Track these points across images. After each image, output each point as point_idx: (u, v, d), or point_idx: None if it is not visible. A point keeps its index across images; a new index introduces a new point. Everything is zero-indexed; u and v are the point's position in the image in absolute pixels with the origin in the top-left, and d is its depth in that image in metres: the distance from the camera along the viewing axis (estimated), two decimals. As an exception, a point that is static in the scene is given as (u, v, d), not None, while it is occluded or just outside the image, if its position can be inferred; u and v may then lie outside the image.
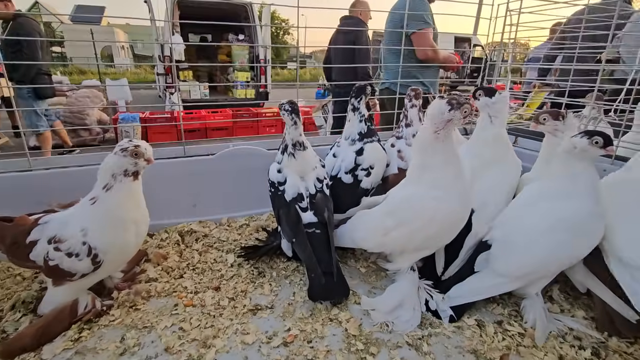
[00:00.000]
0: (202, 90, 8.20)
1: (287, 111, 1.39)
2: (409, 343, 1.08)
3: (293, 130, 1.40)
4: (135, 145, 1.11)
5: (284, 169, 1.42)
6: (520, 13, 1.90)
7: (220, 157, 1.73)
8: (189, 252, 1.54)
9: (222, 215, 1.79)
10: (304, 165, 1.43)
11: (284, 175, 1.41)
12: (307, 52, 28.01)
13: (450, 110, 1.09)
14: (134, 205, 1.15)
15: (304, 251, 1.29)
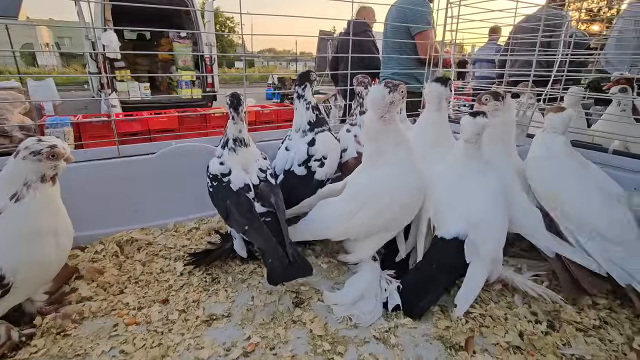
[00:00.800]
0: (142, 90, 7.62)
1: (227, 104, 1.34)
2: (376, 337, 1.05)
3: (232, 125, 1.35)
4: (51, 146, 0.94)
5: (226, 162, 1.34)
6: (461, 5, 1.97)
7: (163, 155, 1.57)
8: (130, 263, 1.37)
9: (168, 220, 1.63)
10: (246, 159, 1.37)
11: (227, 167, 1.33)
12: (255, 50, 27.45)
13: (389, 92, 1.16)
14: (52, 214, 0.98)
15: (261, 235, 1.20)
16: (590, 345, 1.01)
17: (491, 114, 1.41)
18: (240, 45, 9.74)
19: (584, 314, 1.13)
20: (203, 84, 8.01)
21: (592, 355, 0.97)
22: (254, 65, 20.18)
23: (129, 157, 1.54)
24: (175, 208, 1.61)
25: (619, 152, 1.42)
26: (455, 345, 1.02)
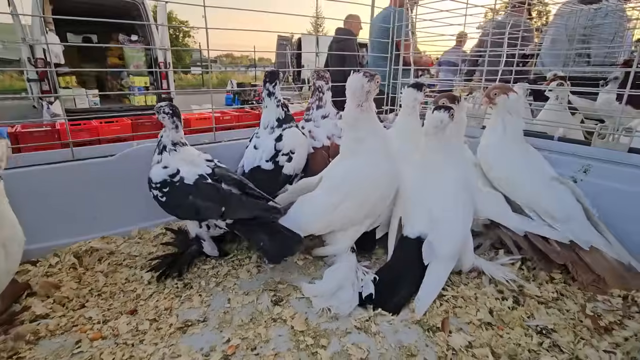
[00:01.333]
0: (90, 98, 7.11)
1: (168, 114, 1.30)
2: (357, 327, 1.06)
3: (174, 132, 1.32)
4: None
5: (170, 163, 1.29)
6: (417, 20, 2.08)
7: (124, 157, 1.47)
8: (91, 275, 1.27)
9: (132, 227, 1.53)
10: (190, 156, 1.34)
11: (173, 168, 1.27)
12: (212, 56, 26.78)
13: (368, 81, 1.21)
14: None
15: (243, 207, 1.20)
16: (551, 315, 1.10)
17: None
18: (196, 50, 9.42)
19: (543, 289, 1.22)
20: (158, 89, 7.66)
21: (554, 324, 1.06)
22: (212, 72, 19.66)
23: (86, 160, 1.43)
24: (139, 213, 1.52)
25: (563, 139, 1.57)
26: (432, 327, 1.06)
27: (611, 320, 1.07)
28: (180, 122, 1.32)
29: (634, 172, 1.29)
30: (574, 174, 1.43)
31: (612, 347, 0.98)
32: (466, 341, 0.99)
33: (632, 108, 2.19)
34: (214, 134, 1.75)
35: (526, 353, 0.96)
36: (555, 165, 1.48)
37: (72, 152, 1.42)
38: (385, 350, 0.98)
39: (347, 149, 1.33)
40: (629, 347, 0.98)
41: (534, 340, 1.00)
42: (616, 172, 1.33)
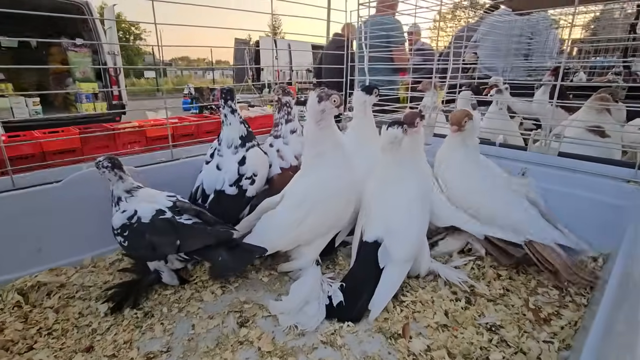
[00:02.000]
0: (31, 106, 6.54)
1: (108, 167, 1.23)
2: (323, 341, 1.08)
3: (120, 184, 1.26)
4: None
5: (128, 207, 1.24)
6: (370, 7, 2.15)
7: (72, 182, 1.39)
8: (39, 312, 1.18)
9: (84, 256, 1.45)
10: (149, 196, 1.29)
11: (131, 210, 1.23)
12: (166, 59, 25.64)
13: (320, 102, 1.25)
14: None
15: (196, 237, 1.19)
16: (498, 312, 1.20)
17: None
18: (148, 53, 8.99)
19: (491, 286, 1.33)
20: (108, 96, 7.23)
21: (501, 320, 1.16)
22: (167, 75, 18.84)
23: (28, 189, 1.33)
24: (92, 240, 1.44)
25: (503, 145, 1.71)
26: (394, 334, 1.11)
27: (550, 311, 1.19)
28: (123, 171, 1.27)
29: (563, 174, 1.44)
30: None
31: (550, 337, 1.09)
32: (425, 345, 1.06)
33: (564, 111, 2.44)
34: (171, 152, 1.70)
35: (478, 351, 1.04)
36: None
37: (12, 180, 1.31)
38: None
39: (307, 164, 1.36)
40: (564, 335, 1.10)
41: (484, 337, 1.09)
42: (548, 174, 1.47)
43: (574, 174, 1.42)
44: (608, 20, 4.26)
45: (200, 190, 1.54)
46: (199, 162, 1.65)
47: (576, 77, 4.11)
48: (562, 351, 1.04)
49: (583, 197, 1.39)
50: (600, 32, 4.77)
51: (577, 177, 1.41)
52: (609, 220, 1.35)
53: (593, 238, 1.36)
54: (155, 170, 1.55)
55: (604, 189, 1.35)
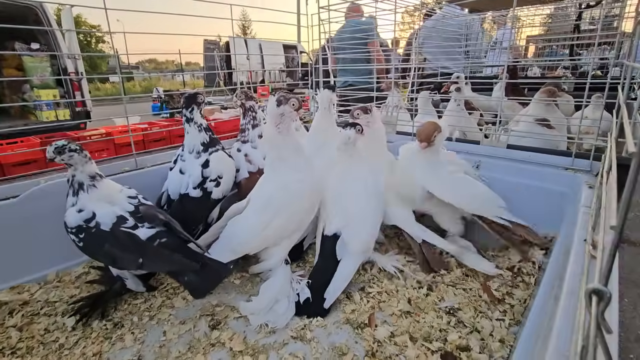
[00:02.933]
0: (-16, 116, 6.15)
1: (76, 150, 1.18)
2: (293, 337, 1.13)
3: (89, 165, 1.22)
4: None
5: (86, 205, 1.19)
6: (330, 22, 2.21)
7: (28, 198, 1.35)
8: (1, 332, 1.16)
9: (48, 270, 1.42)
10: (109, 191, 1.25)
11: (88, 211, 1.18)
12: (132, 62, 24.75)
13: (278, 106, 1.29)
14: None
15: (160, 260, 1.16)
16: (457, 296, 1.29)
17: (365, 124, 1.61)
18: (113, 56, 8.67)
19: (453, 274, 1.42)
20: (71, 103, 6.91)
21: (459, 303, 1.24)
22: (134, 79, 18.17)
23: (-19, 207, 1.29)
24: (56, 254, 1.41)
25: (460, 140, 1.82)
26: (361, 324, 1.17)
27: (503, 292, 1.29)
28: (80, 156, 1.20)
29: (511, 164, 1.55)
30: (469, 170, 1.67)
31: (502, 315, 1.19)
32: (389, 332, 1.12)
33: (520, 105, 2.60)
34: (134, 160, 1.68)
35: (437, 333, 1.12)
36: (455, 163, 1.71)
37: (-36, 199, 1.27)
38: (320, 354, 1.07)
39: (270, 168, 1.40)
40: (515, 312, 1.20)
41: (443, 320, 1.17)
42: (498, 165, 1.58)
43: (520, 164, 1.53)
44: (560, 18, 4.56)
45: (166, 196, 1.54)
46: (164, 170, 1.65)
47: (531, 71, 4.37)
48: (513, 327, 1.14)
49: (529, 185, 1.51)
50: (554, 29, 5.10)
51: (523, 167, 1.53)
52: (554, 206, 1.48)
53: (541, 223, 1.48)
54: (120, 180, 1.53)
55: (546, 177, 1.47)
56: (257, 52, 13.25)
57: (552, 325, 0.72)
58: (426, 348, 1.06)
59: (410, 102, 2.65)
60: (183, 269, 1.16)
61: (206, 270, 1.18)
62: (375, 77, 2.42)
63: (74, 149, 1.17)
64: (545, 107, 2.09)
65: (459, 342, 1.07)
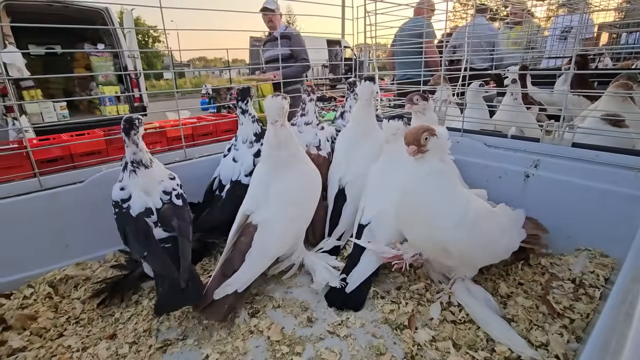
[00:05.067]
0: (58, 111, 6.88)
1: (124, 129, 1.30)
2: (330, 332, 1.12)
3: (127, 149, 1.32)
4: None
5: (127, 186, 1.31)
6: (377, 14, 2.15)
7: (92, 183, 1.48)
8: (68, 303, 1.28)
9: (106, 251, 1.54)
10: (148, 181, 1.34)
11: (127, 192, 1.31)
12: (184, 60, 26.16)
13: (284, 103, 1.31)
14: None
15: (157, 261, 1.20)
16: (509, 306, 1.19)
17: (421, 112, 1.60)
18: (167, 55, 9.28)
19: (505, 284, 1.32)
20: (129, 99, 7.49)
21: (512, 314, 1.15)
22: (185, 76, 19.25)
23: (54, 190, 1.42)
24: (113, 237, 1.50)
25: (515, 137, 1.67)
26: (400, 325, 1.13)
27: (565, 305, 1.17)
28: (128, 137, 1.30)
29: (577, 165, 1.40)
30: (526, 169, 1.53)
31: (561, 329, 1.08)
32: (430, 336, 1.07)
33: (587, 100, 2.35)
34: (184, 152, 1.77)
35: (484, 342, 1.05)
36: (509, 162, 1.59)
37: (40, 182, 1.41)
38: (357, 351, 1.05)
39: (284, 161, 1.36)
40: (576, 328, 1.08)
41: (492, 330, 1.09)
42: (561, 165, 1.44)
43: (588, 165, 1.38)
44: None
45: (217, 181, 1.65)
46: (210, 161, 1.73)
47: (602, 63, 3.92)
48: (572, 343, 1.03)
49: (599, 189, 1.35)
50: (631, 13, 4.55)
51: (591, 168, 1.37)
52: (627, 211, 1.31)
53: (613, 228, 1.32)
54: (171, 170, 1.62)
55: (620, 179, 1.30)
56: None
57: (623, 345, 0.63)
58: (471, 357, 1.00)
59: (460, 97, 2.50)
60: (165, 274, 1.16)
61: (181, 290, 1.14)
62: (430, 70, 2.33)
63: (122, 127, 1.30)
64: (620, 101, 1.86)
65: (508, 354, 0.99)
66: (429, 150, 1.09)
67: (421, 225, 1.13)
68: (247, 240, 1.27)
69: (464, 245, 1.10)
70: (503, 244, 1.21)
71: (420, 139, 1.08)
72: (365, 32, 2.30)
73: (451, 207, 1.09)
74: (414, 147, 1.08)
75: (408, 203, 1.15)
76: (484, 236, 1.13)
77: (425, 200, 1.11)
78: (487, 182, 1.66)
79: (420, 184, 1.12)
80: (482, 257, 1.21)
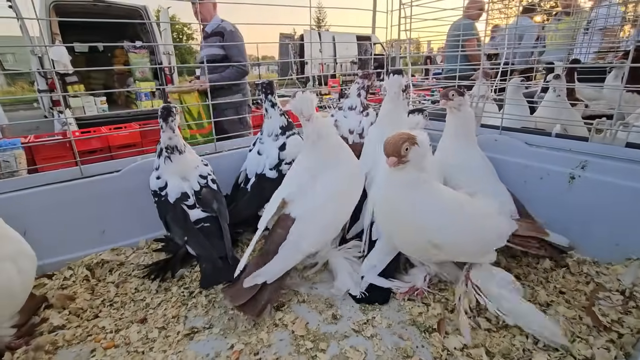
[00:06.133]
0: (99, 105, 7.27)
1: (160, 116, 1.38)
2: (355, 330, 1.10)
3: (163, 134, 1.39)
4: None
5: (163, 174, 1.40)
6: (412, 5, 2.08)
7: (128, 172, 1.53)
8: (103, 286, 1.34)
9: (139, 238, 1.60)
10: (184, 167, 1.42)
11: (163, 180, 1.39)
12: (216, 57, 26.68)
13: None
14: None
15: (197, 244, 1.28)
16: (550, 316, 1.11)
17: (456, 108, 1.52)
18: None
19: (544, 291, 1.24)
20: (164, 94, 7.77)
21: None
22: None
23: (93, 177, 1.49)
24: (145, 225, 1.58)
25: (560, 135, 1.56)
26: (428, 328, 1.09)
27: (613, 318, 1.08)
28: (166, 122, 1.37)
29: (631, 167, 1.28)
30: (572, 170, 1.43)
31: (608, 344, 0.99)
32: (461, 343, 1.02)
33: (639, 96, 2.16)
34: (214, 145, 1.80)
35: (520, 352, 0.99)
36: (553, 162, 1.48)
37: (81, 170, 1.48)
38: (382, 352, 1.02)
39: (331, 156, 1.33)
40: (625, 343, 0.99)
41: (529, 340, 1.03)
42: (613, 167, 1.32)
43: (644, 167, 1.26)
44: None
45: (244, 175, 1.67)
46: (239, 153, 1.75)
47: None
48: (620, 359, 0.94)
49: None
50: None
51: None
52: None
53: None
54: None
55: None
56: (330, 46, 13.32)
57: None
58: (506, 366, 0.94)
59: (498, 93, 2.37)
60: (206, 255, 1.26)
61: (221, 266, 1.24)
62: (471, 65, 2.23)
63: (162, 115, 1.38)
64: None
65: (548, 367, 0.92)
66: (409, 162, 1.04)
67: (402, 231, 1.15)
68: (283, 232, 1.25)
69: (450, 234, 1.10)
70: (492, 228, 1.20)
71: (400, 150, 1.02)
72: (400, 25, 2.23)
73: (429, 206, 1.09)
74: (394, 159, 1.02)
75: (384, 214, 1.17)
76: (469, 222, 1.14)
77: (399, 211, 1.11)
78: (525, 183, 1.56)
79: (393, 194, 1.11)
80: (473, 242, 1.17)
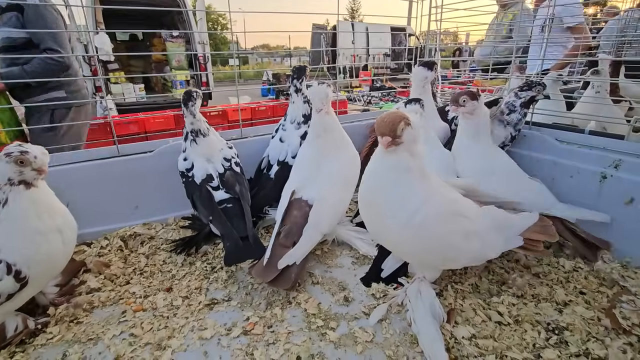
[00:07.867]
0: (137, 91, 7.64)
1: (183, 101, 1.46)
2: (365, 312, 1.13)
3: (185, 119, 1.48)
4: (22, 152, 0.96)
5: (189, 156, 1.48)
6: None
7: (160, 153, 1.64)
8: (135, 256, 1.45)
9: (168, 215, 1.71)
10: (208, 149, 1.49)
11: (190, 162, 1.47)
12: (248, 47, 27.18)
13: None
14: (46, 214, 1.02)
15: (221, 224, 1.34)
16: (565, 315, 1.09)
17: (469, 113, 1.43)
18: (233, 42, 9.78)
19: (562, 291, 1.21)
20: (198, 83, 8.03)
21: (568, 322, 1.05)
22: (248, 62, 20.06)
23: (128, 156, 1.60)
24: (174, 203, 1.68)
25: (594, 133, 1.49)
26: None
27: (634, 321, 1.04)
28: (187, 107, 1.46)
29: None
30: (604, 169, 1.36)
31: (625, 346, 0.96)
32: (470, 333, 1.02)
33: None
34: (240, 130, 1.87)
35: (530, 347, 0.98)
36: (585, 160, 1.43)
37: (118, 149, 1.60)
38: (390, 335, 1.05)
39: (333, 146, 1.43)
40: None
41: (541, 335, 1.02)
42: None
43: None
44: None
45: (266, 161, 1.72)
46: (264, 140, 1.80)
47: None
48: (638, 364, 0.92)
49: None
50: None
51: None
52: None
53: None
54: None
55: None
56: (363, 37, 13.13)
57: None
58: (511, 358, 0.94)
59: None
60: (228, 235, 1.32)
61: (243, 246, 1.30)
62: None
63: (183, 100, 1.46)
64: None
65: (557, 363, 0.91)
66: (403, 143, 0.98)
67: (375, 219, 1.10)
68: (301, 214, 1.34)
69: (409, 245, 1.07)
70: (470, 249, 1.07)
71: (397, 129, 0.95)
72: (430, 15, 2.18)
73: (402, 205, 1.01)
74: (388, 139, 0.95)
75: (365, 196, 1.10)
76: (437, 239, 1.04)
77: (380, 195, 1.04)
78: (553, 180, 1.51)
79: (379, 178, 1.05)
80: (436, 259, 1.12)
